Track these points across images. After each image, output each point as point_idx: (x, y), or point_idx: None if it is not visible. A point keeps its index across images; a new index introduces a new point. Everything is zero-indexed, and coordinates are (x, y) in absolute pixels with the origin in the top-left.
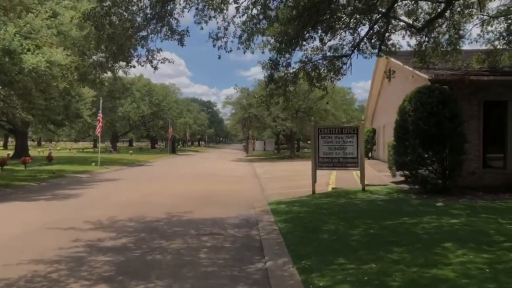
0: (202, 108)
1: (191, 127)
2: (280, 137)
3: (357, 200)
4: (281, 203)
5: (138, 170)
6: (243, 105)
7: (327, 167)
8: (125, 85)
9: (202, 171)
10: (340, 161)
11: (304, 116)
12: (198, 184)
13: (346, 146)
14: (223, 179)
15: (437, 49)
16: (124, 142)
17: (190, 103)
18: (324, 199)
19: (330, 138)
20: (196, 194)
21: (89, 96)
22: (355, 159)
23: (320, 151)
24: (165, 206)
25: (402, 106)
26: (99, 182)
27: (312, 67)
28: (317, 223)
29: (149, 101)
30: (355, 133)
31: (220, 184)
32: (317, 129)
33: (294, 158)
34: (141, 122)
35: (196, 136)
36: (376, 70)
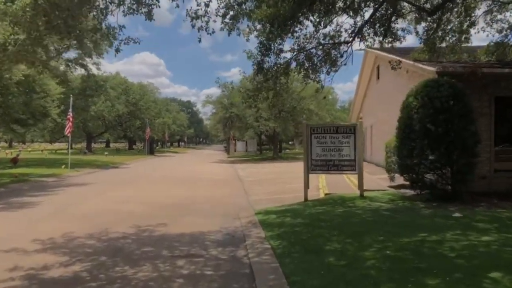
0: (182, 108)
1: (170, 128)
2: (262, 138)
3: (357, 209)
4: (270, 212)
5: (112, 173)
6: (224, 104)
7: (321, 170)
8: (98, 82)
9: (181, 174)
10: (336, 164)
11: (287, 116)
12: (176, 188)
13: (342, 147)
14: (204, 183)
15: (445, 38)
16: (101, 143)
17: (169, 103)
18: (319, 207)
19: (324, 138)
20: (173, 201)
21: (57, 92)
22: (353, 161)
23: (313, 153)
24: (136, 216)
25: (407, 101)
26: (66, 188)
27: (305, 57)
28: (318, 240)
29: (125, 100)
30: (352, 133)
31: (200, 188)
32: (309, 128)
33: (277, 159)
34: (117, 122)
35: (176, 137)
36: (364, 67)
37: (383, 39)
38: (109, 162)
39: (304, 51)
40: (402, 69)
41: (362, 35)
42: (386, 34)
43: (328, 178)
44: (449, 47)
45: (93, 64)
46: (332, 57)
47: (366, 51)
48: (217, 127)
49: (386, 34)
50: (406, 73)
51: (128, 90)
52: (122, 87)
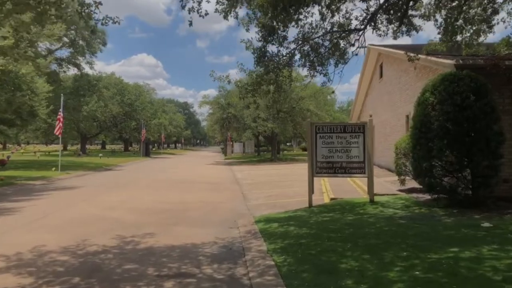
0: (179, 109)
1: (166, 129)
2: (260, 139)
3: (369, 216)
4: (272, 220)
5: (104, 175)
6: (221, 104)
7: (327, 173)
8: (91, 82)
9: (176, 177)
10: (343, 167)
11: (286, 116)
12: (169, 193)
13: (351, 148)
14: (199, 186)
15: (466, 27)
16: (98, 144)
17: (165, 103)
18: (325, 214)
19: (331, 138)
20: (165, 206)
21: (44, 91)
22: (362, 164)
23: (318, 154)
24: (122, 225)
25: (423, 97)
26: (52, 192)
27: (311, 48)
28: (330, 256)
29: (120, 101)
30: (361, 132)
31: (195, 192)
32: (314, 127)
33: (275, 161)
34: (112, 123)
35: (172, 138)
36: (365, 65)
37: (398, 27)
38: (102, 164)
39: (310, 41)
40: (408, 66)
41: (375, 23)
42: (402, 22)
43: (331, 180)
44: (466, 41)
45: (87, 63)
46: (341, 47)
47: (369, 48)
48: (214, 128)
49: (403, 22)
50: (413, 70)
51: (123, 90)
52: (117, 87)
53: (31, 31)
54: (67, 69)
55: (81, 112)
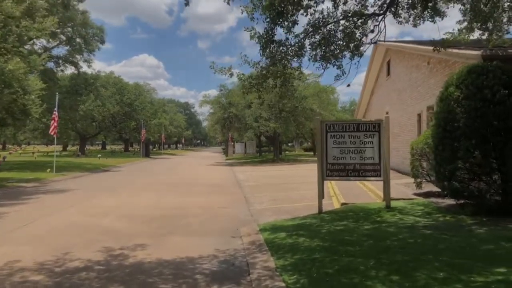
0: (180, 109)
1: (166, 129)
2: (261, 139)
3: (388, 225)
4: (279, 229)
5: (101, 177)
6: (223, 104)
7: (338, 176)
8: (88, 80)
9: (175, 178)
10: (357, 169)
11: (288, 116)
12: (166, 196)
13: (365, 149)
14: (199, 189)
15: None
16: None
17: (166, 104)
18: (339, 222)
19: (343, 138)
20: (161, 212)
21: (37, 89)
22: (377, 166)
23: (329, 155)
24: (111, 235)
25: (446, 92)
26: (43, 195)
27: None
28: (351, 276)
29: (120, 100)
30: (377, 131)
31: (195, 195)
32: (324, 125)
33: (278, 162)
34: (111, 123)
35: (173, 139)
36: (372, 63)
37: (422, 12)
38: (100, 165)
39: (322, 29)
40: (420, 61)
41: (396, 7)
42: (426, 6)
43: (339, 183)
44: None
45: (84, 61)
46: (357, 37)
47: (376, 45)
48: (215, 128)
49: (427, 6)
50: (427, 65)
51: (122, 89)
52: (117, 86)
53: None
54: (64, 67)
55: (77, 111)
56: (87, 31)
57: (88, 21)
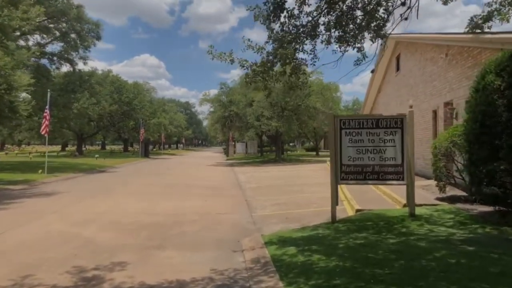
0: (180, 109)
1: (166, 129)
2: (263, 139)
3: (418, 239)
4: (287, 242)
5: (94, 178)
6: (223, 102)
7: (354, 179)
8: (83, 77)
9: (173, 180)
10: (376, 171)
11: (291, 114)
12: (161, 200)
13: (385, 148)
14: (197, 191)
15: None
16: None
17: (166, 103)
18: (357, 234)
19: (360, 135)
20: (153, 219)
21: (24, 84)
22: (399, 167)
23: (344, 156)
24: (89, 249)
25: (484, 82)
26: (27, 199)
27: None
28: None
29: (118, 99)
30: (399, 127)
31: (192, 199)
32: (338, 121)
33: (280, 162)
34: (110, 122)
35: (173, 139)
36: (379, 58)
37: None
38: (96, 165)
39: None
40: (436, 54)
41: None
42: None
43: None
44: None
45: (80, 58)
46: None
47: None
48: (215, 127)
49: None
50: (444, 57)
51: (121, 88)
52: (115, 85)
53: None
54: (59, 65)
55: (71, 109)
56: (82, 27)
57: (83, 16)
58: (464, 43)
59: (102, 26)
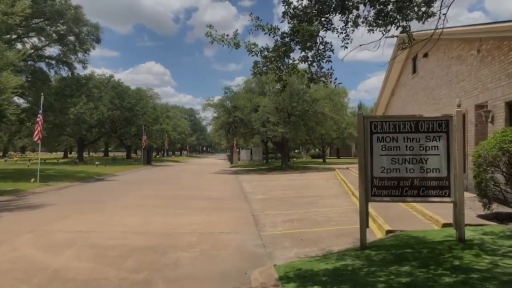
0: (184, 116)
1: (169, 135)
2: (268, 146)
3: (482, 277)
4: (308, 277)
5: (90, 188)
6: (227, 107)
7: (389, 195)
8: (80, 80)
9: (173, 190)
10: (415, 185)
11: (298, 120)
12: (157, 215)
13: (427, 157)
14: (198, 204)
15: None
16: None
17: (169, 109)
18: (396, 267)
19: (395, 141)
20: (143, 241)
21: (11, 86)
22: (444, 181)
23: (376, 166)
24: (55, 287)
25: None
26: (9, 212)
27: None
28: None
29: (120, 105)
30: (444, 131)
31: (192, 213)
32: (368, 123)
33: (287, 170)
34: (111, 129)
35: (177, 145)
36: (394, 61)
37: None
38: (95, 173)
39: None
40: (465, 51)
41: None
42: None
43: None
44: None
45: (79, 62)
46: None
47: (400, 40)
48: (219, 133)
49: None
50: (476, 53)
51: (123, 94)
52: (116, 90)
53: None
54: (58, 69)
55: (67, 114)
56: (81, 29)
57: (81, 17)
58: (506, 33)
59: (101, 28)
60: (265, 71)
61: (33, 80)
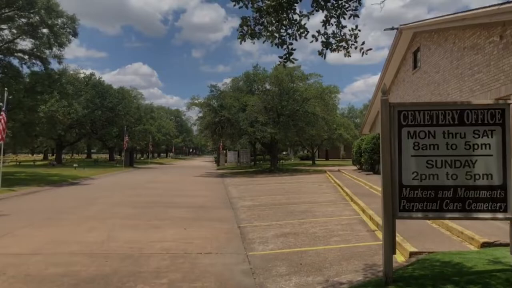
0: (170, 117)
1: (154, 136)
2: (256, 147)
3: None
4: None
5: (59, 194)
6: (213, 106)
7: (423, 210)
8: (52, 76)
9: (151, 195)
10: (459, 197)
11: (288, 120)
12: (125, 228)
13: (475, 158)
14: (176, 213)
15: None
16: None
17: (154, 110)
18: None
19: (432, 137)
20: (94, 269)
21: None
22: (499, 191)
23: (405, 171)
24: None
25: None
26: None
27: None
28: None
29: (101, 105)
30: (499, 123)
31: (167, 226)
32: (396, 113)
33: (276, 173)
34: (91, 130)
35: (161, 147)
36: (391, 58)
37: None
38: (70, 176)
39: None
40: (481, 39)
41: None
42: None
43: (356, 190)
44: None
45: (54, 57)
46: None
47: (400, 32)
48: (204, 134)
49: None
50: (498, 40)
51: (104, 93)
52: (97, 89)
53: None
54: (31, 64)
55: (37, 112)
56: (55, 21)
57: (54, 7)
58: None
59: (78, 21)
60: (259, 32)
61: (1, 76)
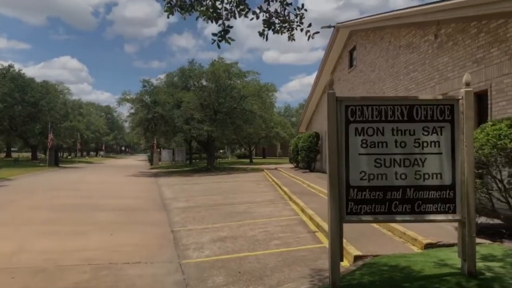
0: (100, 113)
1: (82, 134)
2: (192, 146)
3: None
4: None
5: None
6: (146, 102)
7: (372, 213)
8: None
9: (74, 197)
10: (408, 198)
11: (225, 118)
12: (41, 235)
13: (425, 156)
14: (102, 217)
15: None
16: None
17: (83, 106)
18: None
19: (381, 134)
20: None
21: None
22: (449, 191)
23: (353, 171)
24: None
25: None
26: None
27: None
28: None
29: (21, 99)
30: (448, 120)
31: (91, 232)
32: (344, 108)
33: (213, 171)
34: (10, 126)
35: (91, 145)
36: (327, 58)
37: None
38: None
39: None
40: (417, 37)
41: None
42: None
43: (292, 188)
44: None
45: None
46: None
47: (337, 31)
48: (137, 131)
49: None
50: (433, 39)
51: (25, 87)
52: (17, 82)
53: None
54: None
55: None
56: None
57: None
58: (480, 10)
59: None
60: (190, 5)
61: None
